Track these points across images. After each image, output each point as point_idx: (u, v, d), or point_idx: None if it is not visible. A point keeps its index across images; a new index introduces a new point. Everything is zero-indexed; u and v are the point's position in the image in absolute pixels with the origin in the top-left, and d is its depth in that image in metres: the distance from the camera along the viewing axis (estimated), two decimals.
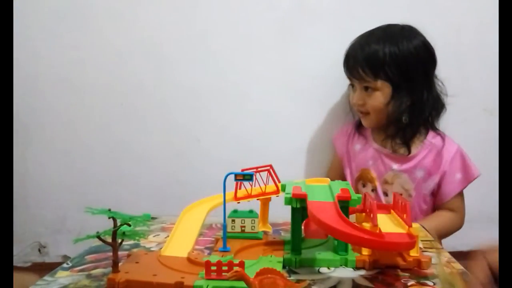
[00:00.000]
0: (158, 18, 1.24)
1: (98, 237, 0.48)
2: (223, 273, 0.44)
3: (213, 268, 0.45)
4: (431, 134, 1.02)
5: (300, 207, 0.52)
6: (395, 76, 0.98)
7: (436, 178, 1.01)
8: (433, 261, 0.53)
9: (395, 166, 1.02)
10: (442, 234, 1.00)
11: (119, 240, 0.49)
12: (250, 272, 0.43)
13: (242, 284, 0.42)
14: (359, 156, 1.08)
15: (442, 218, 1.02)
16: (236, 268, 0.42)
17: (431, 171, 1.01)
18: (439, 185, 1.02)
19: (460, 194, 1.03)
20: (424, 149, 1.01)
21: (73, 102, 1.26)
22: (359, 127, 1.12)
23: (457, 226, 1.05)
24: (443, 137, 1.02)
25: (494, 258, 0.45)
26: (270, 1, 1.22)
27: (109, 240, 0.48)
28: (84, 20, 1.26)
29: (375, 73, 0.99)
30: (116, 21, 1.24)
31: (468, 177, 1.01)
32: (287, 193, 0.53)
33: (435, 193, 1.03)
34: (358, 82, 1.02)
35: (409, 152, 1.01)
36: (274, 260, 0.52)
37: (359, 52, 1.02)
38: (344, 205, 0.51)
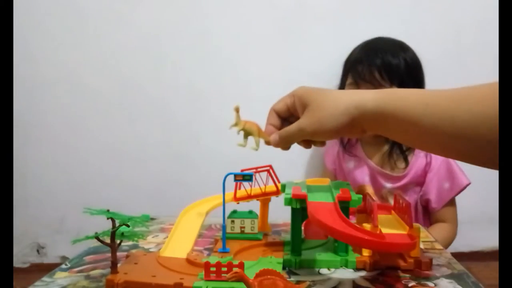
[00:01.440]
0: (158, 18, 1.24)
1: (97, 237, 0.47)
2: (222, 274, 0.44)
3: (212, 269, 0.44)
4: None
5: (300, 208, 0.51)
6: (408, 84, 1.00)
7: (426, 188, 1.04)
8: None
9: (388, 185, 1.06)
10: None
11: (118, 241, 0.49)
12: (250, 273, 0.42)
13: (242, 285, 0.42)
14: (354, 172, 1.11)
15: (438, 232, 1.03)
16: (235, 269, 0.42)
17: (422, 183, 1.05)
18: (429, 195, 1.05)
19: (451, 204, 1.04)
20: (414, 163, 1.05)
21: (72, 103, 1.26)
22: (346, 147, 1.13)
23: (452, 237, 1.07)
24: None
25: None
26: (270, 1, 1.22)
27: (108, 240, 0.48)
28: (83, 20, 1.26)
29: (391, 80, 1.00)
30: (115, 21, 1.24)
31: (455, 187, 1.03)
32: (287, 194, 0.52)
33: (427, 202, 1.06)
34: (372, 86, 1.01)
35: (407, 164, 1.04)
36: (274, 261, 0.51)
37: (373, 57, 1.03)
38: (344, 206, 0.50)
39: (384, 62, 1.02)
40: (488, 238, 1.21)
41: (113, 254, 0.48)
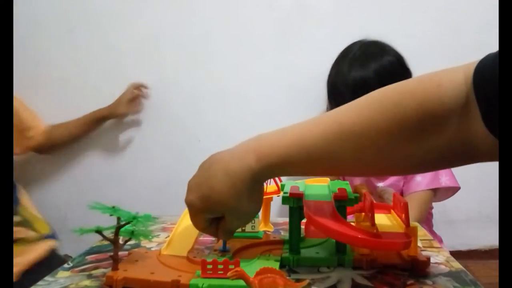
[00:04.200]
0: (159, 19, 1.24)
1: (100, 232, 0.48)
2: (219, 272, 0.45)
3: (209, 266, 0.45)
4: None
5: (297, 207, 0.52)
6: None
7: (404, 179, 1.06)
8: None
9: (380, 183, 1.07)
10: None
11: (125, 239, 0.49)
12: (248, 271, 0.43)
13: (237, 282, 0.42)
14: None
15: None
16: (237, 268, 0.43)
17: (406, 177, 1.06)
18: (403, 186, 1.07)
19: (415, 198, 1.03)
20: None
21: (73, 102, 1.27)
22: None
23: None
24: None
25: None
26: (270, 2, 1.23)
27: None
28: (84, 21, 1.26)
29: None
30: (117, 22, 1.25)
31: (427, 183, 1.02)
32: (284, 193, 0.53)
33: (400, 193, 1.08)
34: None
35: None
36: (271, 259, 0.52)
37: (344, 84, 1.02)
38: (341, 205, 0.51)
39: (356, 82, 1.00)
40: (485, 237, 1.22)
41: (116, 250, 0.48)
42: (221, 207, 0.47)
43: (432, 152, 0.43)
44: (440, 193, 1.06)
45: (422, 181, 1.03)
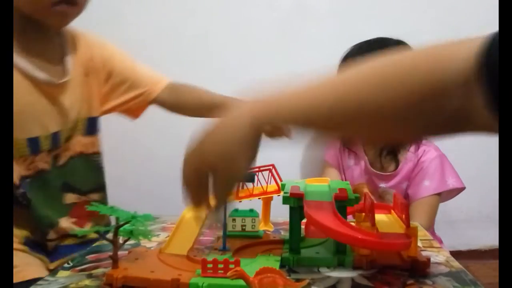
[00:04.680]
0: (159, 18, 1.24)
1: (98, 233, 0.48)
2: (219, 271, 0.45)
3: (209, 266, 0.45)
4: (415, 145, 1.06)
5: (297, 206, 0.52)
6: None
7: (409, 182, 1.05)
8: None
9: (383, 184, 1.07)
10: None
11: (124, 239, 0.50)
12: (248, 271, 0.43)
13: (237, 282, 0.42)
14: (354, 171, 1.12)
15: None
16: (237, 268, 0.43)
17: (412, 180, 1.05)
18: (408, 189, 1.05)
19: (424, 203, 1.02)
20: (406, 163, 1.06)
21: None
22: (346, 144, 1.14)
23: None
24: (424, 146, 1.06)
25: None
26: (270, 2, 1.23)
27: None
28: (84, 22, 1.26)
29: None
30: (115, 20, 1.25)
31: (435, 186, 1.02)
32: (285, 193, 0.53)
33: (406, 196, 1.06)
34: None
35: (397, 165, 1.05)
36: (271, 259, 0.52)
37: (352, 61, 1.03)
38: (341, 205, 0.51)
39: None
40: (485, 237, 1.22)
41: (115, 250, 0.49)
42: (215, 157, 0.49)
43: (429, 126, 0.43)
44: (445, 194, 1.06)
45: (429, 185, 1.02)
